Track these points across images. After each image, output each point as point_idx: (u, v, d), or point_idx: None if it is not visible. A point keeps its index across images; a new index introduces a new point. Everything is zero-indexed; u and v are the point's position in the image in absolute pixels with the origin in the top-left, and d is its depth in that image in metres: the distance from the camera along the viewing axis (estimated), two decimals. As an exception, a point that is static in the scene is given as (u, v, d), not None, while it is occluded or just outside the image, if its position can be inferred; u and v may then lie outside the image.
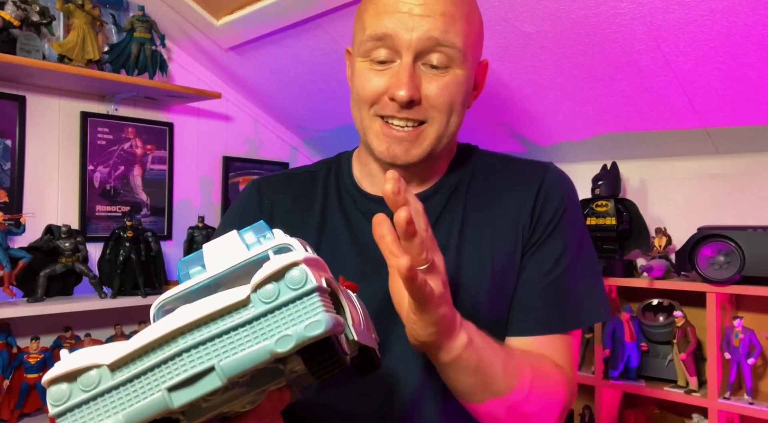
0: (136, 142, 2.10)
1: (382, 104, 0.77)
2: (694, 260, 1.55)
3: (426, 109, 0.77)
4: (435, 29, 0.75)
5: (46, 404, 0.47)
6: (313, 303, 0.38)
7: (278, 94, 2.31)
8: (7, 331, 1.64)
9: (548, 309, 0.79)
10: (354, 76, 0.82)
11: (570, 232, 0.82)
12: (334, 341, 0.40)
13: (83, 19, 1.83)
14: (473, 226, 0.82)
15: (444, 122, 0.78)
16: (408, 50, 0.75)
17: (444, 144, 0.81)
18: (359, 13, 0.83)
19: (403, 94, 0.74)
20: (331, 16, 1.74)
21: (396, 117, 0.77)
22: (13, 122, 1.84)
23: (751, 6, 1.27)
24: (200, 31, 2.06)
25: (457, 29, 0.76)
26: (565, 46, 1.55)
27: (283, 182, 0.93)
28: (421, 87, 0.76)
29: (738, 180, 1.75)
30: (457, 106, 0.79)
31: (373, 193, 0.87)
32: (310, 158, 2.68)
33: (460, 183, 0.85)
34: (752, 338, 1.54)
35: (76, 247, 1.75)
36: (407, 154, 0.78)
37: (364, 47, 0.78)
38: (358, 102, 0.80)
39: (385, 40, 0.76)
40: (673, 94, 1.58)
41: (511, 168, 0.87)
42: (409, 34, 0.75)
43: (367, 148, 0.84)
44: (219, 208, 2.37)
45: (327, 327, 0.38)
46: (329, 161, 0.95)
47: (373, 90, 0.77)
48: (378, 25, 0.76)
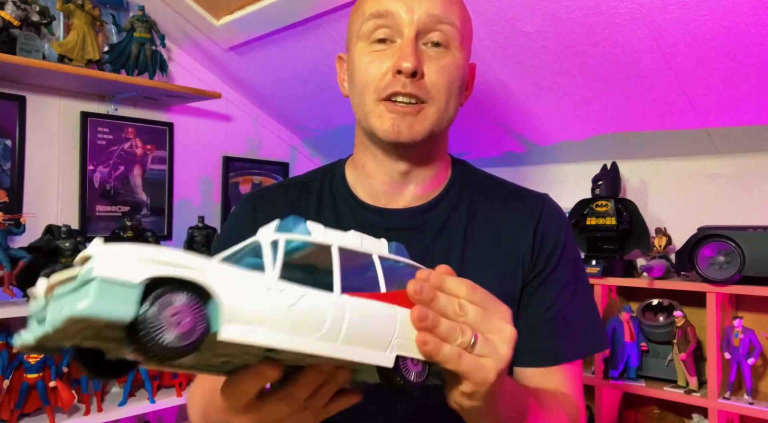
0: (136, 142, 2.10)
1: (385, 83, 0.78)
2: (694, 260, 1.55)
3: (427, 88, 0.78)
4: (435, 7, 0.77)
5: (46, 404, 0.48)
6: (90, 288, 0.41)
7: (278, 94, 2.31)
8: (7, 331, 1.64)
9: (555, 339, 0.80)
10: (354, 64, 0.82)
11: (569, 264, 0.84)
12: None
13: (83, 19, 1.83)
14: (476, 247, 0.83)
15: (444, 103, 0.79)
16: (410, 27, 0.77)
17: (443, 127, 0.82)
18: (356, 6, 0.84)
19: (408, 66, 0.75)
20: (331, 16, 1.74)
21: (400, 92, 0.77)
22: (13, 122, 1.84)
23: (751, 6, 1.27)
24: (200, 31, 2.06)
25: (455, 12, 0.79)
26: (565, 46, 1.55)
27: (277, 194, 0.93)
28: (423, 64, 0.77)
29: (738, 180, 1.74)
30: (455, 89, 0.80)
31: (368, 200, 0.87)
32: (310, 158, 2.68)
33: (459, 201, 0.86)
34: (752, 338, 1.54)
35: (77, 247, 1.75)
36: (411, 129, 0.78)
37: (364, 29, 0.80)
38: (361, 88, 0.80)
39: (387, 18, 0.78)
40: (673, 94, 1.58)
41: (509, 195, 0.89)
42: (410, 13, 0.77)
43: (368, 136, 0.84)
44: (219, 208, 2.37)
45: (73, 311, 0.41)
46: (323, 170, 0.95)
47: (376, 71, 0.78)
48: (379, 4, 0.78)
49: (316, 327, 0.49)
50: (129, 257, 0.42)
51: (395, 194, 0.86)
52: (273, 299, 0.47)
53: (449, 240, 0.83)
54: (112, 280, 0.41)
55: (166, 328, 0.43)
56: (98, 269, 0.41)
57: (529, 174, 2.13)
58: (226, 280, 0.46)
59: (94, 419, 1.72)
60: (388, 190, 0.86)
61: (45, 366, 1.65)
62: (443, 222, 0.84)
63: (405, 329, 0.53)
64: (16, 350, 1.66)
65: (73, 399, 1.69)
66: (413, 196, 0.86)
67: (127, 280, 0.42)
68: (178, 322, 0.44)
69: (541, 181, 2.10)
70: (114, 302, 0.41)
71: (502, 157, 2.12)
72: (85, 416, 1.71)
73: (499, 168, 2.04)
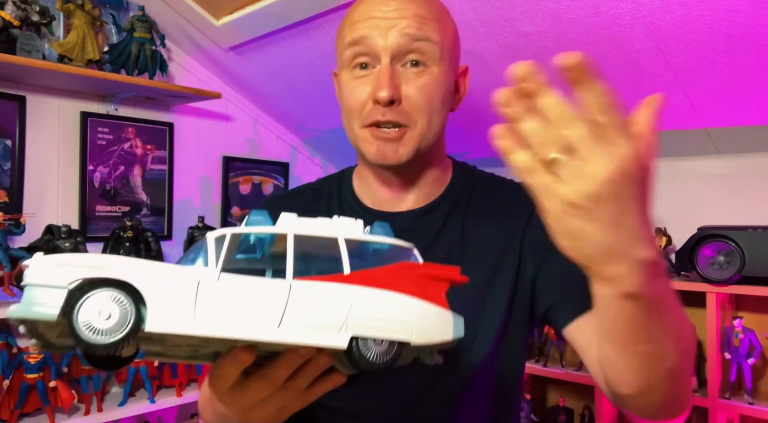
0: (136, 142, 2.10)
1: (367, 111, 0.80)
2: (694, 260, 1.55)
3: (407, 112, 0.79)
4: (408, 27, 0.78)
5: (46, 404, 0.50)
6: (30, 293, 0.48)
7: (278, 94, 2.31)
8: (7, 331, 1.64)
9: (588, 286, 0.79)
10: (341, 90, 0.86)
11: None
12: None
13: (83, 19, 1.83)
14: (473, 242, 0.85)
15: (425, 124, 0.81)
16: (385, 52, 0.78)
17: (430, 143, 0.83)
18: (339, 31, 0.87)
19: (384, 95, 0.77)
20: (331, 16, 1.74)
21: (381, 121, 0.79)
22: (13, 122, 1.83)
23: (751, 6, 1.27)
24: (200, 31, 2.06)
25: (431, 27, 0.80)
26: (565, 46, 1.55)
27: (290, 200, 0.97)
28: (401, 88, 0.79)
29: (738, 180, 1.75)
30: (437, 105, 0.81)
31: (372, 206, 0.90)
32: (310, 158, 2.68)
33: (458, 201, 0.89)
34: (752, 338, 1.54)
35: (76, 247, 1.75)
36: (396, 154, 0.81)
37: (345, 56, 0.82)
38: (348, 114, 0.84)
39: (362, 44, 0.79)
40: (673, 94, 1.58)
41: (503, 190, 0.91)
42: (384, 37, 0.78)
43: (361, 157, 0.88)
44: (219, 208, 2.37)
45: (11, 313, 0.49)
46: (332, 178, 0.98)
47: (358, 98, 0.81)
48: (354, 31, 0.80)
49: (253, 314, 0.50)
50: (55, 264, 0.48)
51: (397, 200, 0.89)
52: (204, 291, 0.50)
53: (448, 239, 0.85)
54: (39, 284, 0.48)
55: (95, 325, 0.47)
56: (28, 277, 0.48)
57: (529, 174, 2.13)
58: (155, 276, 0.49)
59: (94, 419, 1.72)
60: (390, 198, 0.89)
61: (45, 366, 1.65)
62: (443, 222, 0.87)
63: (364, 309, 0.52)
64: (15, 350, 1.66)
65: (73, 399, 1.69)
66: (415, 200, 0.89)
67: (53, 283, 0.48)
68: (106, 318, 0.47)
69: (541, 181, 2.10)
70: (41, 305, 0.47)
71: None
72: (85, 416, 1.71)
73: (499, 168, 2.03)
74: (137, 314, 0.48)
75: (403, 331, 0.53)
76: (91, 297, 0.47)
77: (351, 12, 0.83)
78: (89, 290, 0.47)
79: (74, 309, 0.47)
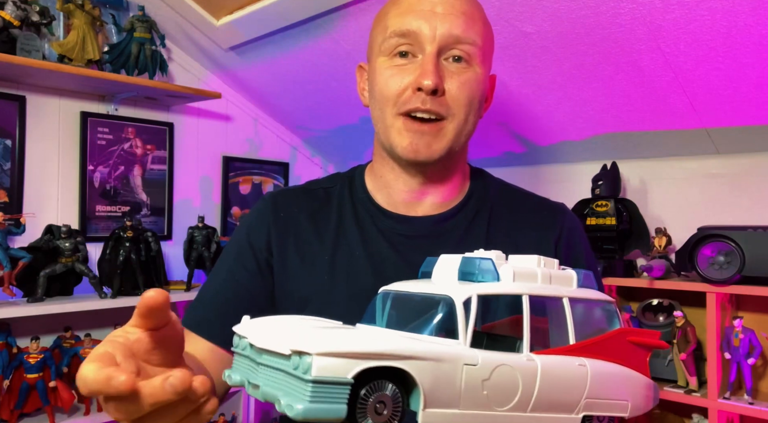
0: (136, 142, 2.10)
1: (405, 98, 0.79)
2: (694, 260, 1.55)
3: (447, 104, 0.79)
4: (456, 27, 0.78)
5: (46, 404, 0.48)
6: (306, 389, 0.42)
7: (278, 94, 2.31)
8: (7, 331, 1.64)
9: None
10: (375, 77, 0.83)
11: (593, 265, 0.88)
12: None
13: (83, 19, 1.83)
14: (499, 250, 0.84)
15: (463, 119, 0.80)
16: (432, 43, 0.78)
17: (462, 142, 0.82)
18: (379, 18, 0.85)
19: (429, 83, 0.76)
20: (331, 16, 1.74)
21: (420, 109, 0.78)
22: (13, 122, 1.84)
23: (751, 6, 1.27)
24: (200, 31, 2.06)
25: (477, 29, 0.80)
26: (565, 46, 1.55)
27: (299, 196, 0.94)
28: (444, 80, 0.78)
29: (738, 180, 1.74)
30: (476, 104, 0.81)
31: (387, 207, 0.88)
32: (310, 158, 2.68)
33: (480, 211, 0.88)
34: (752, 338, 1.54)
35: (76, 247, 1.75)
36: (429, 149, 0.79)
37: (386, 45, 0.80)
38: (381, 101, 0.81)
39: (409, 37, 0.79)
40: (673, 94, 1.58)
41: (528, 206, 0.90)
42: (433, 30, 0.77)
43: (387, 149, 0.85)
44: (219, 208, 2.37)
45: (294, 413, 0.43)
46: (343, 176, 0.96)
47: (397, 85, 0.79)
48: (402, 23, 0.79)
49: (508, 398, 0.47)
50: (340, 353, 0.43)
51: (414, 203, 0.88)
52: (468, 376, 0.46)
53: (472, 248, 0.84)
54: (327, 380, 0.42)
55: (371, 416, 0.44)
56: (315, 371, 0.42)
57: (528, 174, 2.13)
58: (425, 361, 0.45)
59: (94, 419, 1.72)
60: (407, 200, 0.88)
61: (45, 366, 1.65)
62: (464, 231, 0.85)
63: (597, 388, 0.50)
64: (15, 350, 1.66)
65: (73, 399, 1.69)
66: (431, 205, 0.87)
67: (340, 378, 0.42)
68: (382, 411, 0.44)
69: (541, 181, 2.10)
70: (328, 403, 0.42)
71: (502, 157, 2.12)
72: (85, 416, 1.71)
73: (498, 168, 2.04)
74: (407, 403, 0.45)
75: (623, 408, 0.53)
76: (378, 390, 0.44)
77: (398, 2, 0.82)
78: (377, 382, 0.44)
79: (365, 403, 0.43)
